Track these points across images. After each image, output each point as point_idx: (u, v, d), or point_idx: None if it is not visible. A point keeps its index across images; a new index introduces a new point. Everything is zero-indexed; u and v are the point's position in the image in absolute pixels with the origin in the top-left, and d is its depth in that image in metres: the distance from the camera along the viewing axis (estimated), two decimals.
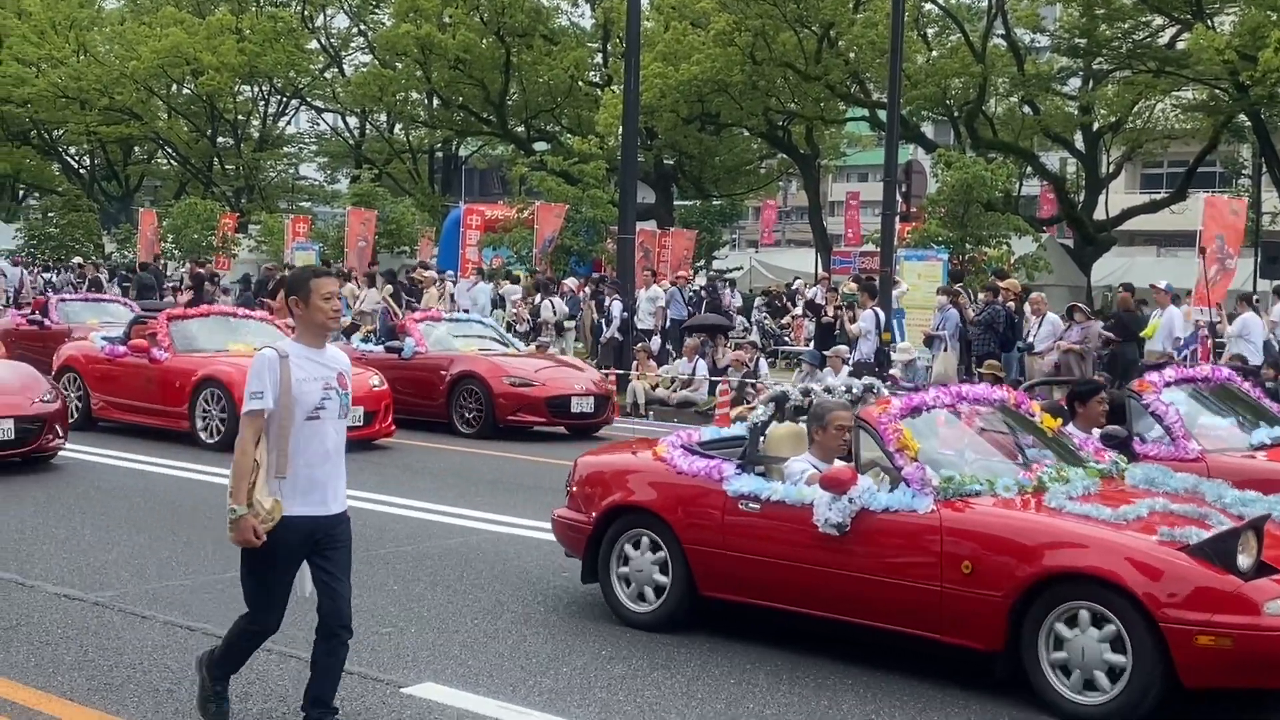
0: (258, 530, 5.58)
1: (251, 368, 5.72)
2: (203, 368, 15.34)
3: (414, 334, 18.32)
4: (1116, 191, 47.74)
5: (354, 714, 6.26)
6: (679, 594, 7.85)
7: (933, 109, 41.62)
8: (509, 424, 17.00)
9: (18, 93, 53.65)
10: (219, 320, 17.19)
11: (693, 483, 7.89)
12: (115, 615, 7.90)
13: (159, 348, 15.90)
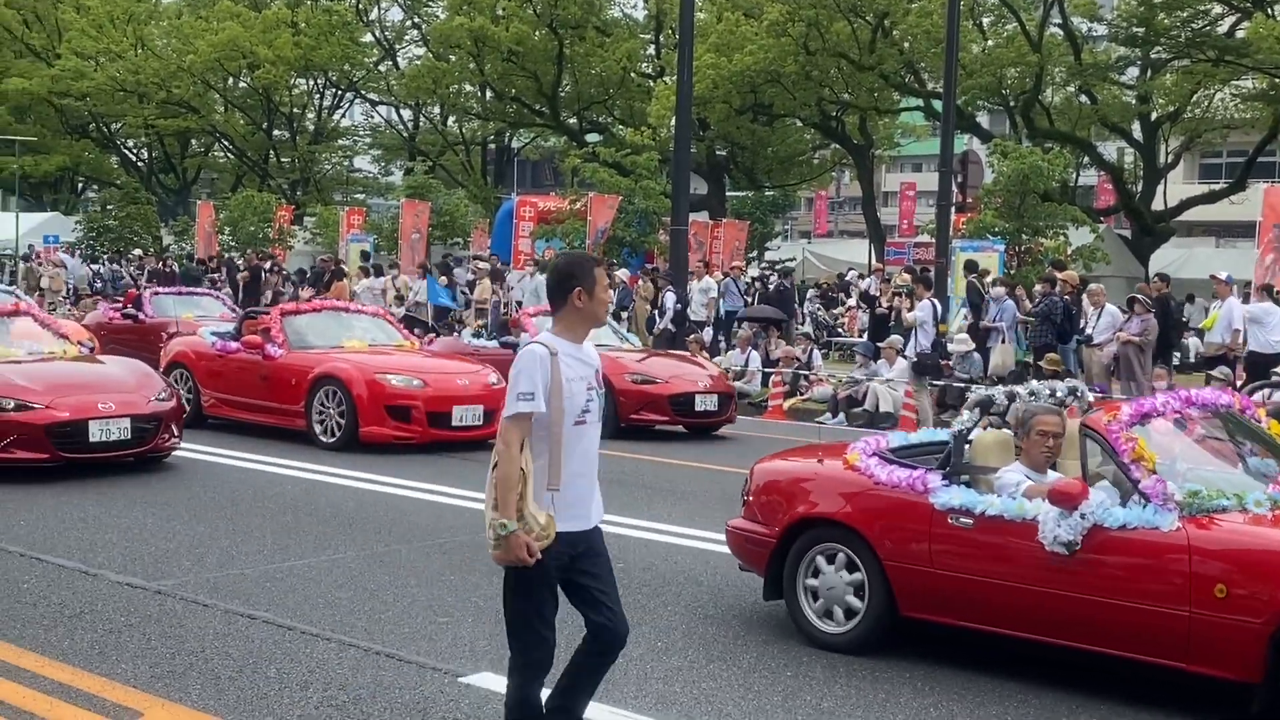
0: (531, 548, 5.02)
1: (519, 365, 5.13)
2: (319, 365, 14.93)
3: (529, 329, 17.51)
4: (1175, 181, 47.24)
5: (412, 703, 6.30)
6: (876, 614, 7.29)
7: (988, 98, 41.30)
8: (631, 423, 16.37)
9: (77, 86, 54.28)
10: (332, 315, 16.77)
11: (893, 495, 7.31)
12: (177, 604, 7.98)
13: (273, 344, 15.48)
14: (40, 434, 11.94)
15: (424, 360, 15.99)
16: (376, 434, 14.34)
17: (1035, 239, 28.32)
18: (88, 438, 12.13)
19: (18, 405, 12.03)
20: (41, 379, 12.55)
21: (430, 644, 7.30)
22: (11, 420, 11.96)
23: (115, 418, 12.32)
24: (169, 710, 6.17)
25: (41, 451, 11.96)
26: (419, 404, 14.53)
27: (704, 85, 37.77)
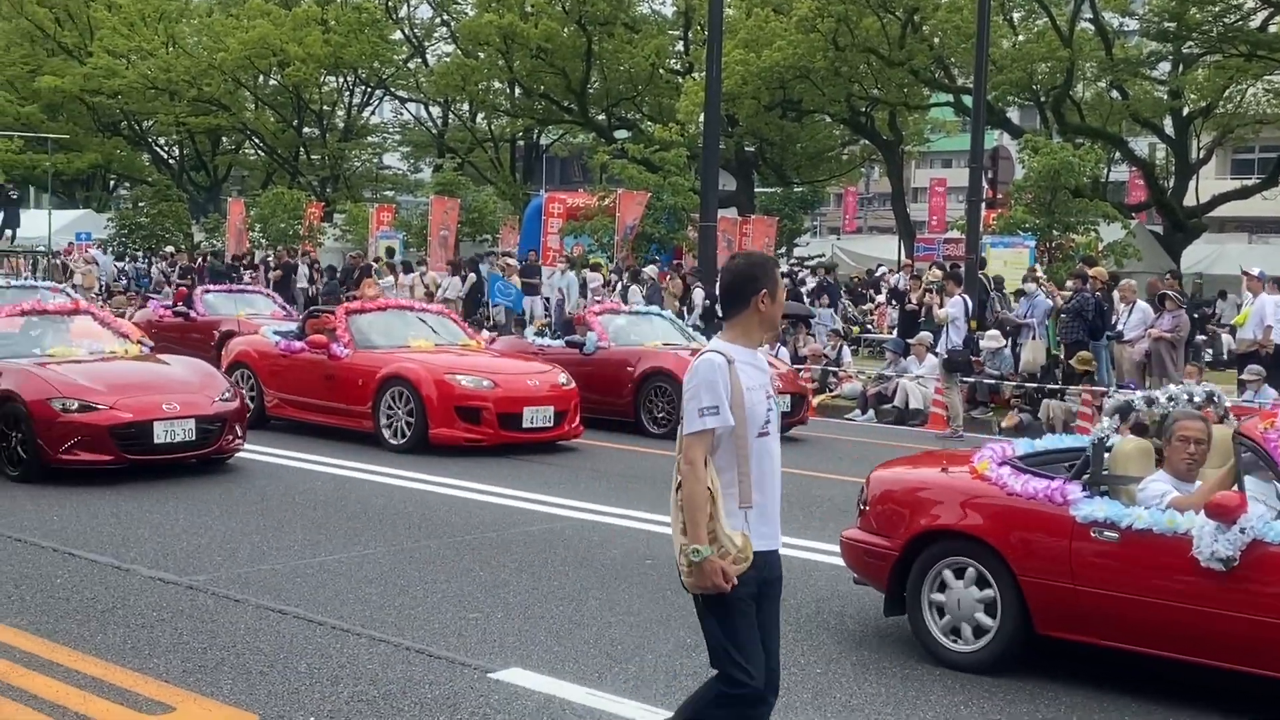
0: (728, 573, 4.69)
1: (698, 376, 4.78)
2: (386, 365, 14.55)
3: (595, 328, 17.32)
4: (1207, 177, 46.94)
5: (441, 698, 6.32)
6: (1010, 632, 6.91)
7: (1019, 94, 41.13)
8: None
9: (109, 84, 54.61)
10: (397, 314, 16.41)
11: (1029, 506, 6.93)
12: (208, 599, 8.02)
13: (339, 343, 15.10)
14: (104, 435, 11.69)
15: (492, 360, 15.56)
16: (446, 436, 14.03)
17: (1066, 235, 28.22)
18: (152, 439, 11.90)
19: (81, 406, 11.76)
20: (104, 379, 12.29)
21: (460, 639, 7.32)
22: (75, 421, 11.69)
23: (180, 419, 12.07)
24: (200, 704, 6.21)
25: (106, 453, 11.71)
26: (489, 405, 14.17)
27: (733, 81, 37.72)
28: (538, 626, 7.62)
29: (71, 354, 12.91)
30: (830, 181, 54.98)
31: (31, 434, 11.64)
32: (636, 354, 16.77)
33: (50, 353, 12.83)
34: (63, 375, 12.15)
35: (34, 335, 13.19)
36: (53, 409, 11.68)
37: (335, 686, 6.47)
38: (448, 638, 7.34)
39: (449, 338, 15.99)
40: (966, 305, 20.96)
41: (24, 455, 11.73)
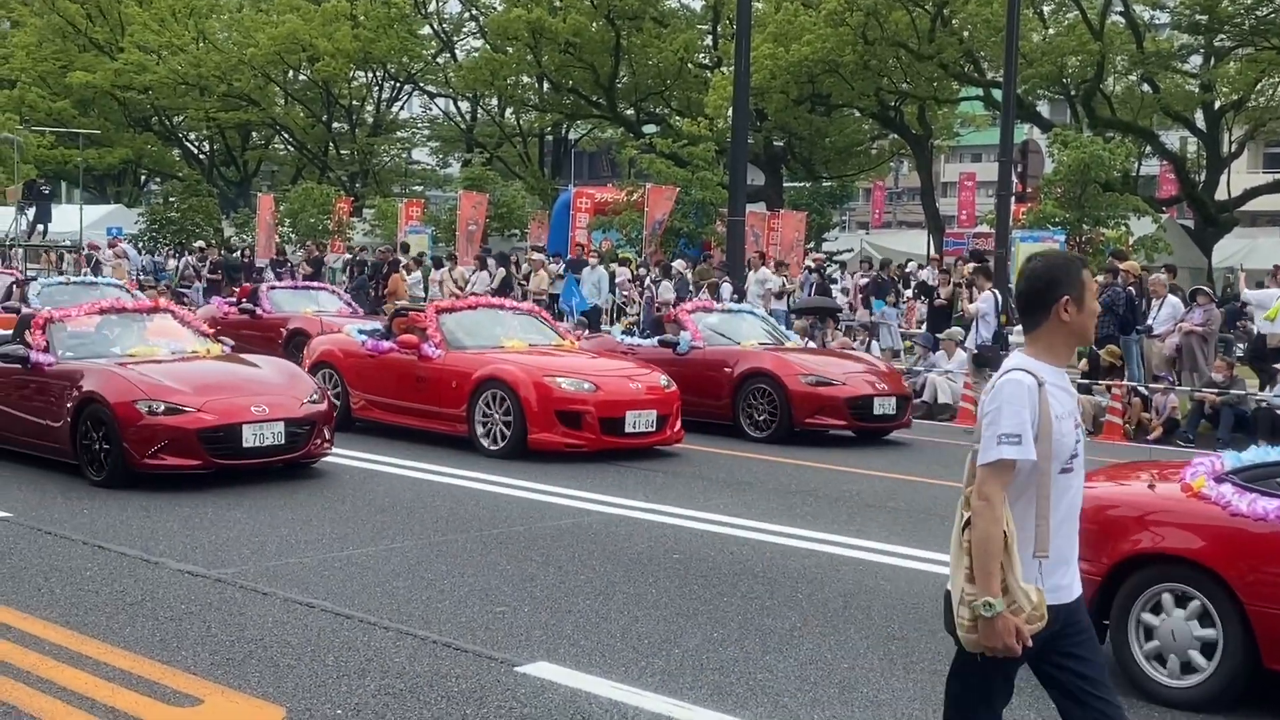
0: (1022, 633, 4.10)
1: (1001, 397, 4.19)
2: (482, 366, 13.92)
3: (689, 326, 16.63)
4: (1238, 171, 46.65)
5: (468, 692, 6.32)
6: (1233, 666, 6.30)
7: (1049, 88, 40.96)
8: (806, 427, 15.37)
9: (139, 80, 54.92)
10: (488, 313, 15.75)
11: (1259, 529, 6.28)
12: (236, 592, 8.05)
13: (430, 344, 14.47)
14: (192, 439, 11.26)
15: (589, 361, 14.85)
16: (546, 441, 13.38)
17: (1096, 229, 28.08)
18: (240, 443, 11.42)
19: (168, 408, 11.30)
20: (189, 380, 11.83)
21: (487, 633, 7.32)
22: (162, 424, 11.24)
23: (268, 421, 11.57)
24: (228, 697, 6.23)
25: (194, 457, 11.28)
26: (591, 409, 13.49)
27: (761, 75, 37.64)
28: (564, 620, 7.62)
29: (153, 354, 12.48)
30: (859, 176, 54.83)
31: (117, 437, 11.20)
32: (734, 354, 16.15)
33: (131, 353, 12.43)
34: (148, 376, 11.70)
35: (112, 334, 12.84)
36: (138, 411, 11.24)
37: (362, 679, 6.48)
38: (475, 631, 7.34)
39: (542, 337, 15.42)
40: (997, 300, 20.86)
41: (108, 459, 11.33)
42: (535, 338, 15.28)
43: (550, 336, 15.60)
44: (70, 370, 11.97)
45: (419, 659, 6.81)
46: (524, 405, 13.38)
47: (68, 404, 11.66)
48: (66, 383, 11.83)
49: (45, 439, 12.04)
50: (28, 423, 12.21)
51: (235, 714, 6.03)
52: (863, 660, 7.01)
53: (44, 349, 12.24)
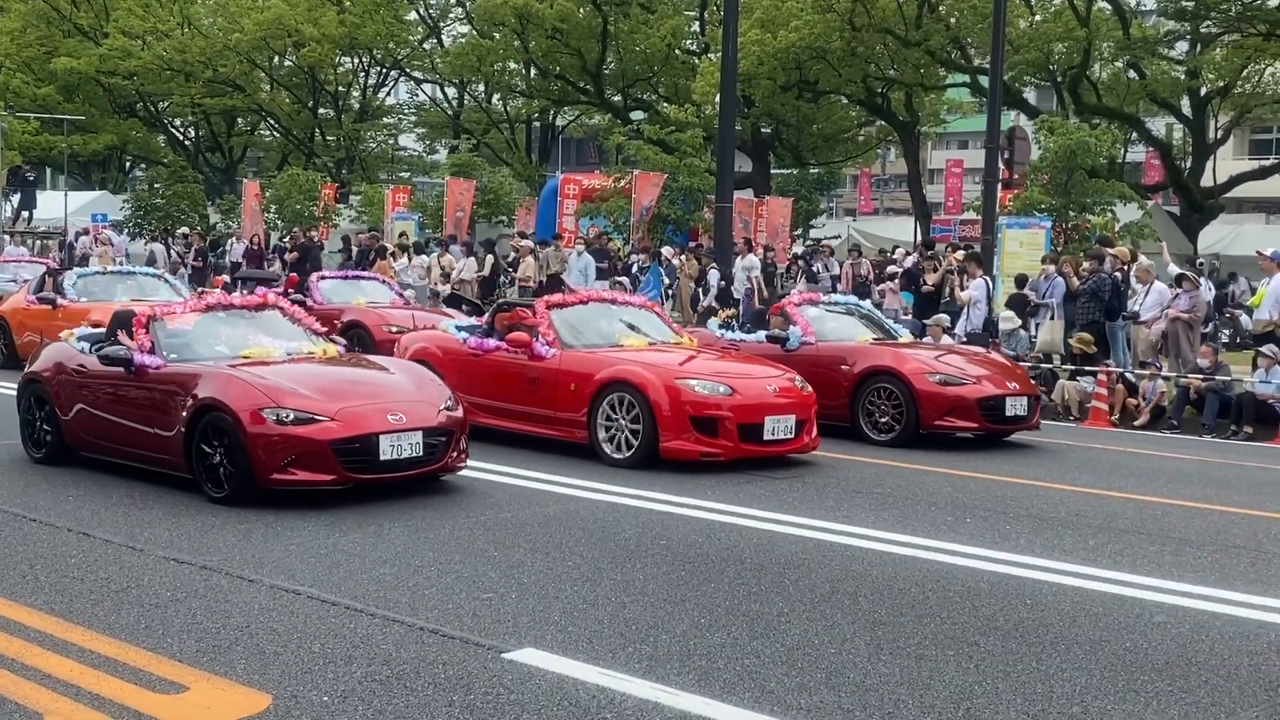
0: None
1: None
2: (605, 367, 12.80)
3: (798, 320, 15.59)
4: (1224, 157, 46.75)
5: (455, 679, 6.32)
6: None
7: (1035, 74, 40.98)
8: (934, 430, 14.47)
9: (124, 65, 54.70)
10: (600, 308, 14.47)
11: None
12: (222, 579, 8.03)
13: (543, 342, 13.35)
14: (326, 451, 10.07)
15: (719, 362, 13.57)
16: (680, 449, 12.25)
17: (1082, 216, 28.11)
18: (377, 455, 10.25)
19: (298, 417, 10.14)
20: (315, 384, 10.67)
21: (474, 620, 7.31)
22: (292, 435, 10.06)
23: (406, 431, 10.43)
24: (214, 684, 6.21)
25: (327, 472, 10.11)
26: (729, 414, 12.36)
27: (749, 62, 37.63)
28: (551, 607, 7.61)
29: (267, 355, 11.32)
30: (846, 163, 54.84)
31: (243, 450, 10.06)
32: (852, 351, 15.14)
33: (244, 354, 11.27)
34: (272, 380, 10.54)
35: (219, 333, 11.71)
36: (265, 420, 10.06)
37: (349, 666, 6.47)
38: (461, 618, 7.34)
39: (659, 335, 14.25)
40: (989, 286, 20.91)
41: (229, 475, 10.21)
42: (654, 335, 14.12)
43: (667, 333, 14.42)
44: (181, 374, 10.82)
45: (406, 646, 6.80)
46: (655, 410, 12.24)
47: (181, 412, 10.49)
48: (178, 388, 10.69)
49: (154, 450, 10.87)
50: (133, 433, 11.04)
51: (221, 701, 6.02)
52: (850, 645, 7.01)
53: (148, 350, 11.11)
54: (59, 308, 19.39)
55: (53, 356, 12.13)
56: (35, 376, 12.14)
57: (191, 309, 11.87)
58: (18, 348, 19.68)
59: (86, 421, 11.49)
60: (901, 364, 14.67)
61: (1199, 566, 8.95)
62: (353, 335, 19.30)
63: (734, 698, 6.17)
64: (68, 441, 11.71)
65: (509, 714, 5.88)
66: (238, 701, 6.00)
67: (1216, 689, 6.43)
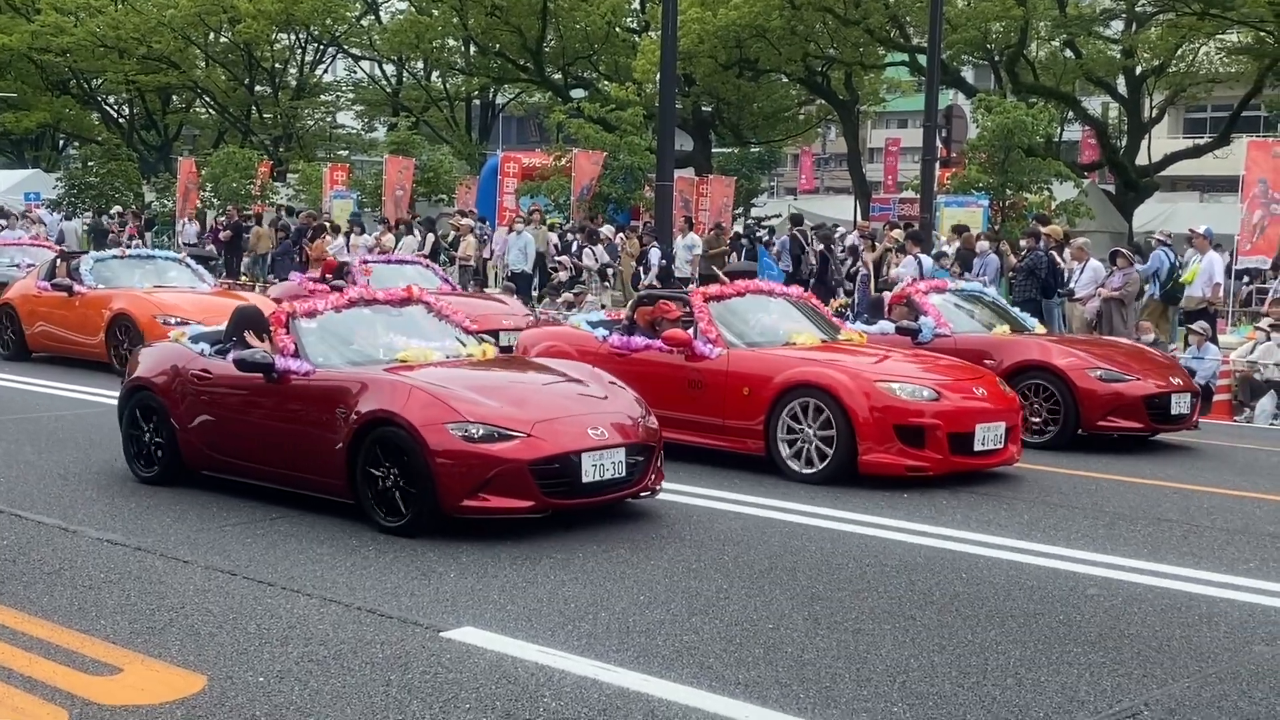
0: None
1: None
2: (785, 369, 11.25)
3: (928, 309, 13.92)
4: (1159, 136, 47.24)
5: (393, 658, 6.30)
6: None
7: (973, 53, 41.21)
8: (1096, 430, 12.96)
9: (56, 42, 53.85)
10: (759, 300, 12.74)
11: None
12: (157, 560, 7.96)
13: (703, 340, 11.75)
14: (524, 473, 8.57)
15: (912, 362, 11.88)
16: (882, 463, 10.71)
17: (1019, 194, 28.37)
18: (579, 476, 8.76)
19: (490, 433, 8.62)
20: (496, 393, 9.17)
21: (412, 599, 7.29)
22: (485, 455, 8.54)
23: (609, 448, 8.95)
24: (148, 666, 6.16)
25: (524, 497, 8.60)
26: (937, 423, 10.80)
27: (689, 40, 37.61)
28: (490, 585, 7.60)
29: (426, 357, 9.81)
30: (787, 142, 54.99)
31: (425, 472, 8.54)
32: (996, 345, 13.57)
33: (401, 356, 9.77)
34: (456, 389, 9.02)
35: (365, 332, 10.15)
36: (452, 437, 8.56)
37: (285, 647, 6.44)
38: (400, 598, 7.31)
39: (824, 331, 12.58)
40: (920, 265, 21.05)
41: (408, 500, 8.68)
42: (822, 331, 12.51)
43: (832, 329, 12.76)
44: (338, 382, 9.29)
45: (343, 626, 6.77)
46: (852, 418, 10.70)
47: (342, 426, 8.97)
48: (335, 398, 9.16)
49: (303, 471, 9.37)
50: (275, 450, 9.56)
51: (155, 682, 5.97)
52: (787, 620, 7.05)
53: (293, 353, 9.59)
54: (76, 295, 18.06)
55: (164, 360, 10.48)
56: (144, 383, 10.44)
57: (333, 305, 10.13)
58: (28, 338, 18.63)
59: (213, 436, 9.98)
60: (1057, 358, 13.11)
61: (1133, 540, 9.06)
62: None
63: (672, 674, 6.20)
64: (186, 458, 10.16)
65: (447, 693, 5.87)
66: (172, 683, 5.96)
67: (1149, 660, 6.52)
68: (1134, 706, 5.90)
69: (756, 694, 5.97)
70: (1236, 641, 6.86)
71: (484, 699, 5.81)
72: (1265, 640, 6.90)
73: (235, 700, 5.75)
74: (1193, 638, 6.88)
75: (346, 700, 5.77)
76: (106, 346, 17.27)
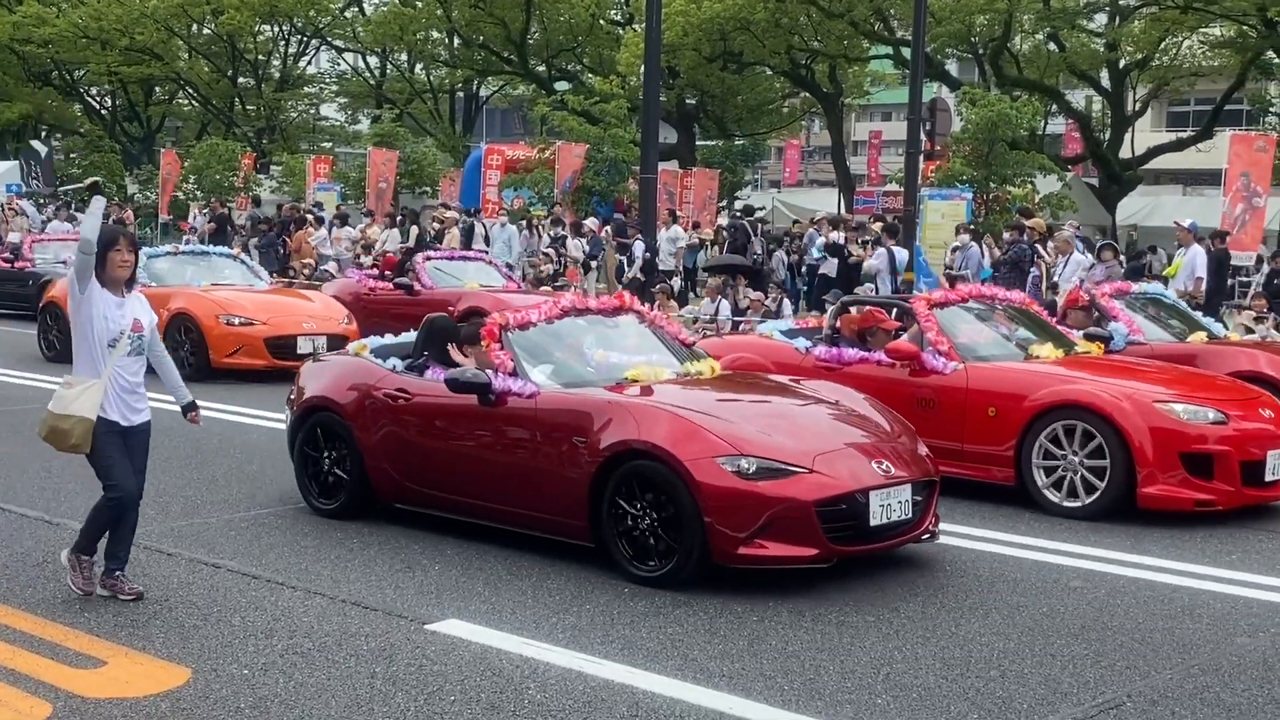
0: None
1: None
2: (1040, 386, 9.96)
3: (1117, 314, 12.44)
4: (1142, 130, 47.34)
5: (378, 650, 6.30)
6: None
7: (957, 46, 41.26)
8: None
9: (39, 33, 53.57)
10: (984, 308, 11.41)
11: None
12: (141, 552, 7.94)
13: (934, 353, 10.45)
14: (809, 515, 7.38)
15: (1164, 373, 10.61)
16: (1166, 496, 9.41)
17: (1003, 187, 28.42)
18: (867, 519, 7.59)
19: (764, 468, 7.39)
20: (758, 420, 7.97)
21: (396, 592, 7.29)
22: (763, 494, 7.33)
23: (896, 485, 7.75)
24: (132, 659, 6.16)
25: (808, 544, 7.39)
26: (1228, 450, 9.51)
27: (673, 33, 37.58)
28: (475, 578, 7.61)
29: (656, 375, 8.52)
30: (771, 134, 54.97)
31: (692, 513, 7.32)
32: (1199, 353, 12.06)
33: (629, 375, 8.46)
34: (717, 415, 7.80)
35: (575, 347, 8.85)
36: (724, 471, 7.34)
37: (269, 640, 6.43)
38: (384, 590, 7.32)
39: (1059, 341, 11.12)
40: (892, 257, 21.10)
41: (671, 547, 7.46)
42: (1057, 341, 11.11)
43: (1061, 337, 11.36)
44: (570, 405, 8.04)
45: (327, 618, 6.77)
46: (1129, 444, 9.43)
47: (583, 458, 7.77)
48: (570, 425, 7.93)
49: (531, 509, 8.12)
50: (499, 484, 8.26)
51: (140, 675, 5.96)
52: (771, 612, 7.06)
53: (511, 371, 8.32)
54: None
55: (347, 376, 9.22)
56: (324, 402, 9.19)
57: (545, 314, 8.80)
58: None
59: (410, 464, 8.75)
60: (1270, 368, 11.66)
61: (1115, 533, 9.09)
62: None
63: (657, 666, 6.21)
64: (376, 489, 8.94)
65: (432, 685, 5.88)
66: (157, 676, 5.95)
67: (1132, 652, 6.55)
68: (1117, 698, 5.93)
69: (741, 686, 5.99)
70: (1219, 633, 6.90)
71: (469, 691, 5.81)
72: (1247, 632, 6.94)
73: (220, 693, 5.75)
74: (1175, 630, 6.91)
75: (331, 693, 5.77)
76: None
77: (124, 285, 7.03)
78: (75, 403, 6.87)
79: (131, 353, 6.99)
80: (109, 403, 6.93)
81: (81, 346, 6.96)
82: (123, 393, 6.98)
